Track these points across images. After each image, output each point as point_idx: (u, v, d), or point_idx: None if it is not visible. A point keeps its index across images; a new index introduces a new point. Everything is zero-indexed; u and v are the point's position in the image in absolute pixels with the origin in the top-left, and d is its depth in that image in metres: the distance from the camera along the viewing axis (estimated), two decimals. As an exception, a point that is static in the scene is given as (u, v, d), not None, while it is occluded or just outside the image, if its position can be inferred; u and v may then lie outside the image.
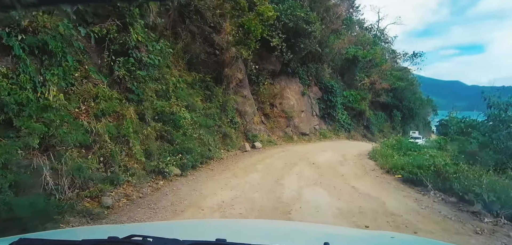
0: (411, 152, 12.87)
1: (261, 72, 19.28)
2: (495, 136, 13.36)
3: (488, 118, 14.20)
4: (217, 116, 13.24)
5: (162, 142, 8.52)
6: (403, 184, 8.10)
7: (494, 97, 13.60)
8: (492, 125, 13.87)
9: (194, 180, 8.04)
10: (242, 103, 16.65)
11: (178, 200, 6.39)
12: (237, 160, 11.33)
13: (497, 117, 13.63)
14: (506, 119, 13.55)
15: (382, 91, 28.54)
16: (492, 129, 13.90)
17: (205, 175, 8.63)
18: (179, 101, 10.30)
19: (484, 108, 35.14)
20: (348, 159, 12.58)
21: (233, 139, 13.99)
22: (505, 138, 12.99)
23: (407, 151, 13.02)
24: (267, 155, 12.83)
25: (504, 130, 13.72)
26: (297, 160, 11.68)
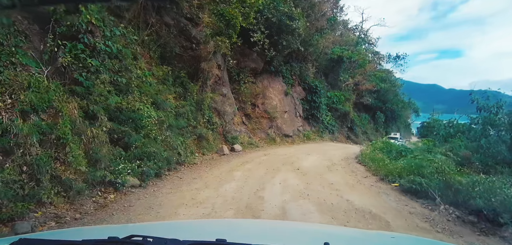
0: (402, 155, 11.72)
1: (242, 70, 17.82)
2: (484, 140, 12.49)
3: (477, 121, 13.28)
4: (192, 116, 11.68)
5: (115, 145, 6.88)
6: (404, 195, 6.79)
7: (483, 100, 12.74)
8: (482, 128, 12.99)
9: (154, 192, 6.46)
10: (221, 102, 15.12)
11: (126, 222, 4.81)
12: (212, 165, 9.79)
13: (487, 121, 12.76)
14: (497, 123, 12.65)
15: (365, 92, 27.65)
16: (482, 132, 13.03)
17: (170, 185, 7.06)
18: (144, 97, 8.66)
19: (463, 110, 34.24)
20: (336, 163, 11.26)
21: (210, 141, 12.44)
22: (496, 141, 12.12)
23: (397, 154, 11.85)
24: (247, 159, 11.34)
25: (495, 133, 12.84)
26: (280, 165, 10.26)
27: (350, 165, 11.03)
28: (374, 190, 7.27)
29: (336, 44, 26.07)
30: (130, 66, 8.96)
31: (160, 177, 7.59)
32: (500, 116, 12.71)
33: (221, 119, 14.52)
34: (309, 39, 21.26)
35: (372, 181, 8.19)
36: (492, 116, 12.70)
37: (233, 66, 17.36)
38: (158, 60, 12.31)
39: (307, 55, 22.14)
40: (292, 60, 21.11)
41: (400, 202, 6.24)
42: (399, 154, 12.00)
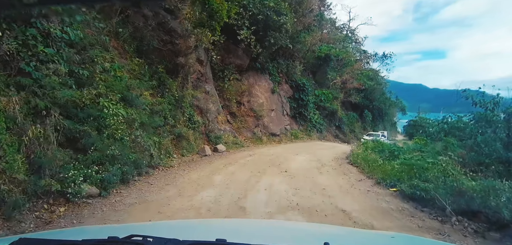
0: (395, 155, 10.93)
1: (227, 66, 16.79)
2: (481, 138, 11.85)
3: (473, 118, 12.63)
4: (170, 113, 10.60)
5: (70, 148, 5.76)
6: (406, 202, 5.92)
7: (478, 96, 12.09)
8: (477, 125, 12.36)
9: (115, 203, 5.39)
10: (204, 100, 14.05)
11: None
12: (191, 168, 8.75)
13: (483, 117, 12.13)
14: (493, 120, 12.01)
15: (353, 91, 26.99)
16: (477, 129, 12.41)
17: (137, 194, 6.00)
18: (111, 93, 7.53)
19: (448, 109, 33.14)
20: (326, 164, 10.38)
21: (191, 141, 11.38)
22: (493, 139, 11.52)
23: (390, 154, 11.06)
24: (230, 160, 10.34)
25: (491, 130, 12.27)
26: (266, 167, 9.30)
27: (342, 166, 10.16)
28: (372, 197, 6.37)
29: (323, 42, 25.32)
30: (96, 57, 7.84)
31: (126, 184, 6.52)
32: (497, 113, 12.12)
33: (203, 118, 13.46)
34: (297, 36, 20.39)
35: (367, 185, 7.30)
36: (489, 113, 12.04)
37: (217, 62, 16.33)
38: (133, 54, 11.21)
39: (294, 53, 21.27)
40: (279, 57, 20.19)
41: (404, 213, 5.35)
42: (392, 154, 11.21)
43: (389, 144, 13.88)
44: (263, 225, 2.61)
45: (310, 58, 23.96)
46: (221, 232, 1.80)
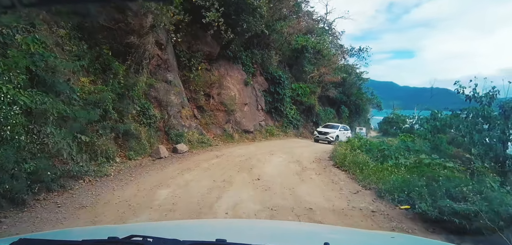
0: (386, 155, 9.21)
1: (194, 54, 14.49)
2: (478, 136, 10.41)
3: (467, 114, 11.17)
4: (113, 105, 8.21)
5: None
6: (433, 232, 4.03)
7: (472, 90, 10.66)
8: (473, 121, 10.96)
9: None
10: (164, 90, 11.75)
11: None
12: (133, 178, 6.51)
13: (480, 113, 10.72)
14: (491, 116, 10.57)
15: (330, 85, 25.45)
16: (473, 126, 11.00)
17: (23, 226, 3.77)
18: (13, 72, 5.14)
19: (419, 106, 31.84)
20: (307, 167, 8.48)
21: (143, 139, 9.09)
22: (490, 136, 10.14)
23: (381, 154, 9.33)
24: (190, 164, 8.18)
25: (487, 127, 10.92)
26: (233, 173, 7.24)
27: (326, 169, 8.27)
28: (380, 221, 4.46)
29: (300, 33, 23.52)
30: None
31: (20, 207, 4.23)
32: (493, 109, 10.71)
33: (163, 111, 11.16)
34: (272, 23, 18.34)
35: (367, 200, 5.41)
36: (486, 107, 10.54)
37: (182, 49, 14.04)
38: (72, 31, 8.79)
39: (270, 42, 19.26)
40: (253, 46, 18.10)
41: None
42: (382, 153, 9.49)
43: (376, 142, 12.19)
44: (263, 225, 2.56)
45: (286, 50, 22.09)
46: (221, 232, 1.76)
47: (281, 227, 2.43)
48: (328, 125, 21.00)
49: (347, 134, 20.27)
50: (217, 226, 2.28)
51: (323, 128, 20.12)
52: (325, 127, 20.52)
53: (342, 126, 21.50)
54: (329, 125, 20.96)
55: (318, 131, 19.59)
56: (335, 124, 21.47)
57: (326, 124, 21.95)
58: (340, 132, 19.58)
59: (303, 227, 2.65)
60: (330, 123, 22.38)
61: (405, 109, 42.54)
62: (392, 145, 11.51)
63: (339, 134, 19.16)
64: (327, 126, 20.68)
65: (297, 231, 2.09)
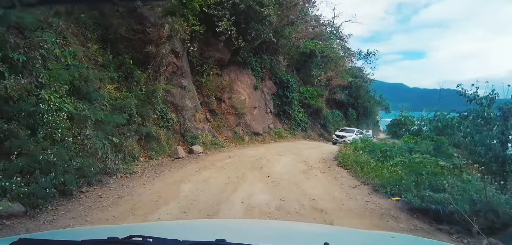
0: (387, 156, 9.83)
1: (206, 60, 15.32)
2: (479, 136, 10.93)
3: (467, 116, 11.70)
4: (137, 110, 9.08)
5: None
6: (416, 217, 4.74)
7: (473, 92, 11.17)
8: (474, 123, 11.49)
9: (42, 226, 4.06)
10: (180, 96, 12.60)
11: None
12: (158, 174, 7.33)
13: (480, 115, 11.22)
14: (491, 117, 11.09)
15: (338, 88, 26.04)
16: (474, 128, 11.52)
17: (75, 213, 4.62)
18: (55, 83, 6.02)
19: (429, 108, 32.28)
20: (313, 166, 9.16)
21: (162, 141, 9.94)
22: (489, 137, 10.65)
23: (383, 154, 9.95)
24: (206, 163, 8.96)
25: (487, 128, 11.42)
26: (246, 171, 7.99)
27: (331, 168, 8.96)
28: (373, 209, 5.17)
29: (308, 38, 24.20)
30: (42, 42, 6.32)
31: (69, 197, 5.05)
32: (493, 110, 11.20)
33: (179, 115, 12.01)
34: (281, 30, 19.09)
35: (364, 193, 6.11)
36: (486, 109, 11.09)
37: (196, 56, 14.88)
38: (97, 42, 9.71)
39: (278, 48, 19.98)
40: (262, 52, 18.85)
41: (418, 233, 4.14)
42: (384, 154, 10.11)
43: (379, 143, 12.79)
44: (263, 225, 2.55)
45: (294, 54, 22.80)
46: (221, 232, 1.76)
47: (281, 227, 2.46)
48: (344, 129, 23.10)
49: (362, 136, 21.26)
50: (217, 226, 2.30)
51: (340, 132, 22.18)
52: (342, 130, 22.62)
53: (357, 129, 23.20)
54: (346, 129, 23.01)
55: (337, 134, 21.70)
56: (351, 128, 23.45)
57: (343, 128, 23.91)
58: (356, 135, 20.67)
59: (303, 227, 2.68)
60: (346, 127, 24.37)
61: (415, 111, 42.63)
62: (395, 146, 12.11)
63: (356, 137, 19.95)
64: (344, 130, 22.75)
65: (297, 231, 2.12)
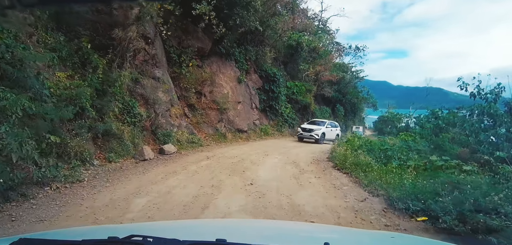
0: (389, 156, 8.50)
1: (185, 50, 13.61)
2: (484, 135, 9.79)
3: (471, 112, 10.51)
4: (91, 102, 7.36)
5: None
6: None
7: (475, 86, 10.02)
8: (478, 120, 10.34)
9: None
10: (152, 87, 10.90)
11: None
12: (109, 183, 5.67)
13: (485, 111, 10.08)
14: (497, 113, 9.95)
15: (326, 84, 24.76)
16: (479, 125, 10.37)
17: None
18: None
19: (416, 105, 31.08)
20: (305, 169, 7.72)
21: (126, 140, 8.24)
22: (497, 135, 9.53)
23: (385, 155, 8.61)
24: (177, 166, 7.36)
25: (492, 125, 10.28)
26: (224, 177, 6.44)
27: (326, 172, 7.52)
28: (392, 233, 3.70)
29: (295, 30, 22.80)
30: None
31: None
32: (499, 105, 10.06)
33: (149, 110, 10.31)
34: (267, 19, 17.54)
35: (377, 209, 4.63)
36: (492, 105, 9.90)
37: (173, 44, 13.17)
38: (49, 21, 7.95)
39: (264, 39, 18.44)
40: (247, 42, 17.27)
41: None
42: (385, 154, 8.77)
43: (378, 141, 11.46)
44: (263, 225, 2.49)
45: (281, 47, 21.31)
46: (221, 232, 1.74)
47: (281, 227, 2.34)
48: (314, 121, 18.86)
49: (336, 131, 18.97)
50: (217, 226, 2.21)
51: (308, 124, 18.02)
52: (311, 123, 18.47)
53: (330, 122, 19.31)
54: (315, 121, 18.82)
55: (302, 128, 17.39)
56: (321, 120, 19.42)
57: (311, 120, 19.80)
58: (327, 128, 17.87)
59: (303, 227, 2.60)
60: (316, 119, 20.30)
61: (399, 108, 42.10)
62: (394, 145, 10.81)
63: (326, 131, 17.61)
64: (313, 122, 18.59)
65: (297, 231, 2.05)
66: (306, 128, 17.25)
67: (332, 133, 18.18)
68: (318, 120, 19.03)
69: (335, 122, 20.42)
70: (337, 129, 19.34)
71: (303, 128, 17.38)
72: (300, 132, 17.13)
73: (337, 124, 20.25)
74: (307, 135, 16.68)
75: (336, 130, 19.07)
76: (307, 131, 16.90)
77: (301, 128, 17.50)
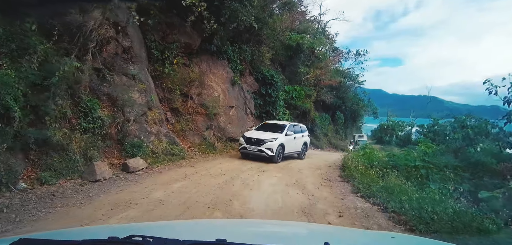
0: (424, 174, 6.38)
1: (170, 45, 11.44)
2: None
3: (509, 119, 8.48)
4: (25, 101, 5.15)
5: None
6: None
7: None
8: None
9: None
10: (123, 86, 8.72)
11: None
12: (9, 226, 3.39)
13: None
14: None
15: (326, 89, 22.73)
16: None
17: None
18: None
19: (407, 113, 29.68)
20: (316, 195, 5.57)
21: (73, 153, 5.99)
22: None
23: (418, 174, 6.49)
24: (134, 194, 5.14)
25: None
26: (200, 212, 4.25)
27: (346, 200, 5.32)
28: None
29: (294, 32, 20.80)
30: None
31: None
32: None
33: (117, 113, 8.08)
34: (264, 17, 15.44)
35: None
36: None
37: (155, 39, 11.01)
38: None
39: (261, 38, 16.32)
40: (241, 41, 15.13)
41: None
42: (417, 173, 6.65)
43: (401, 155, 9.22)
44: (263, 226, 2.40)
45: (279, 49, 19.22)
46: (221, 232, 1.69)
47: (281, 227, 2.24)
48: (267, 125, 12.01)
49: (302, 138, 12.32)
50: (217, 226, 2.12)
51: (257, 130, 11.36)
52: (261, 127, 11.80)
53: (292, 124, 12.11)
54: (269, 125, 11.99)
55: (247, 137, 10.72)
56: (279, 123, 12.50)
57: (264, 122, 12.97)
58: (288, 137, 11.06)
59: (303, 227, 2.52)
60: (272, 120, 13.61)
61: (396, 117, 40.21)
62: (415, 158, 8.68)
63: (286, 140, 10.91)
64: (266, 127, 11.71)
65: (297, 231, 2.00)
66: (252, 138, 10.55)
67: (295, 142, 11.67)
68: (275, 124, 12.16)
69: (301, 125, 13.39)
70: (304, 135, 12.59)
71: (247, 137, 10.70)
72: (242, 145, 10.64)
73: (304, 127, 13.32)
74: (254, 150, 10.28)
75: (302, 137, 12.35)
76: (254, 143, 10.39)
77: (244, 137, 10.87)
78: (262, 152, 10.15)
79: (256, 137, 10.56)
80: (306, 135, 13.02)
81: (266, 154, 10.08)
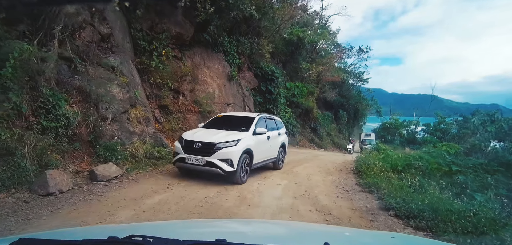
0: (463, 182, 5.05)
1: (158, 35, 10.08)
2: None
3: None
4: None
5: None
6: None
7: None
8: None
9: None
10: (100, 79, 7.36)
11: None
12: None
13: None
14: None
15: (328, 86, 21.40)
16: None
17: None
18: None
19: (407, 112, 28.35)
20: (334, 213, 4.22)
21: (23, 158, 4.64)
22: None
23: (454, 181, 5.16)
24: (96, 214, 3.81)
25: None
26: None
27: (376, 224, 3.95)
28: None
29: (295, 26, 19.46)
30: None
31: None
32: None
33: (89, 110, 6.73)
34: (264, 7, 14.09)
35: None
36: None
37: (141, 28, 9.68)
38: None
39: (261, 30, 14.98)
40: (239, 33, 13.81)
41: None
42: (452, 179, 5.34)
43: (430, 157, 7.86)
44: (263, 225, 2.33)
45: (279, 44, 17.90)
46: (221, 232, 1.70)
47: (281, 227, 2.21)
48: (221, 119, 7.85)
49: (280, 139, 8.47)
50: (217, 226, 2.03)
51: (205, 129, 7.21)
52: (212, 124, 7.60)
53: (265, 117, 8.02)
54: (225, 119, 7.85)
55: (187, 141, 6.43)
56: (245, 115, 8.54)
57: (217, 115, 8.49)
58: (258, 137, 6.99)
59: (303, 227, 2.38)
60: (231, 112, 10.49)
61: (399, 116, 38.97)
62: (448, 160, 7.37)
63: (255, 143, 6.79)
64: (220, 121, 7.68)
65: (297, 231, 1.95)
66: (195, 142, 6.31)
67: (269, 145, 7.67)
68: (235, 116, 8.11)
69: (276, 118, 9.31)
70: (280, 133, 8.65)
71: (186, 141, 6.46)
72: (179, 154, 6.42)
73: (280, 121, 9.35)
74: (198, 163, 6.08)
75: (278, 136, 8.40)
76: (198, 150, 6.19)
77: (181, 140, 6.60)
78: (213, 166, 5.92)
79: (203, 140, 6.30)
80: (284, 132, 9.04)
81: (220, 169, 5.89)
